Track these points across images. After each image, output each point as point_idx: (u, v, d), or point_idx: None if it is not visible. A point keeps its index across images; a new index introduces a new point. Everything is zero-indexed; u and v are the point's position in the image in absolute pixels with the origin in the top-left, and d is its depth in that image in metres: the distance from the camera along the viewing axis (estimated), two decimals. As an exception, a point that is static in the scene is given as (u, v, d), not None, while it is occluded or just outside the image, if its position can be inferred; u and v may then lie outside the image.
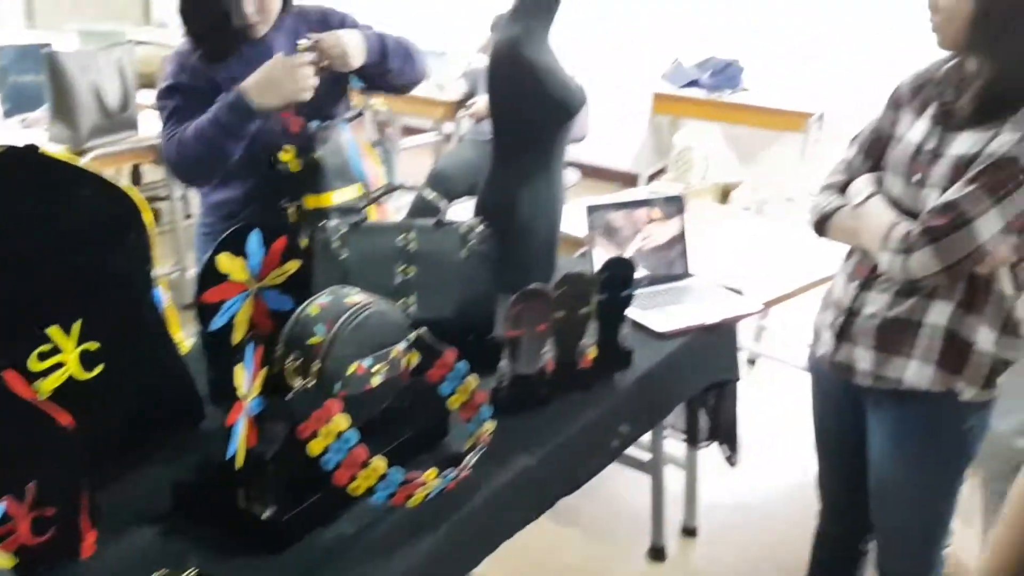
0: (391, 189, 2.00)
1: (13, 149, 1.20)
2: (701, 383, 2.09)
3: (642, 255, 2.12)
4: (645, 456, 2.52)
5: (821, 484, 1.98)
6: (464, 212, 2.11)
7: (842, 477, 1.90)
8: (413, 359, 1.39)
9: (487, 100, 2.07)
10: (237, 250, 1.48)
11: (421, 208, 3.96)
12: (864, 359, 1.66)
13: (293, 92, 1.86)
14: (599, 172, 5.89)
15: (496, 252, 1.74)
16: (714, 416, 2.38)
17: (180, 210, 4.11)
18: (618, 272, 1.71)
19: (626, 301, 1.73)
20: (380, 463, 1.20)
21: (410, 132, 5.72)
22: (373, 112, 2.12)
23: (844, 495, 1.91)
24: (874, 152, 1.70)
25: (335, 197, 1.94)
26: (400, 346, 1.34)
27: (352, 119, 2.05)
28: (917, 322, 1.60)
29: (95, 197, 1.28)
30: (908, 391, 1.62)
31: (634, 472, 2.54)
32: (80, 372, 1.26)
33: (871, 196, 1.63)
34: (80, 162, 1.29)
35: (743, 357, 3.44)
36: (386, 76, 2.05)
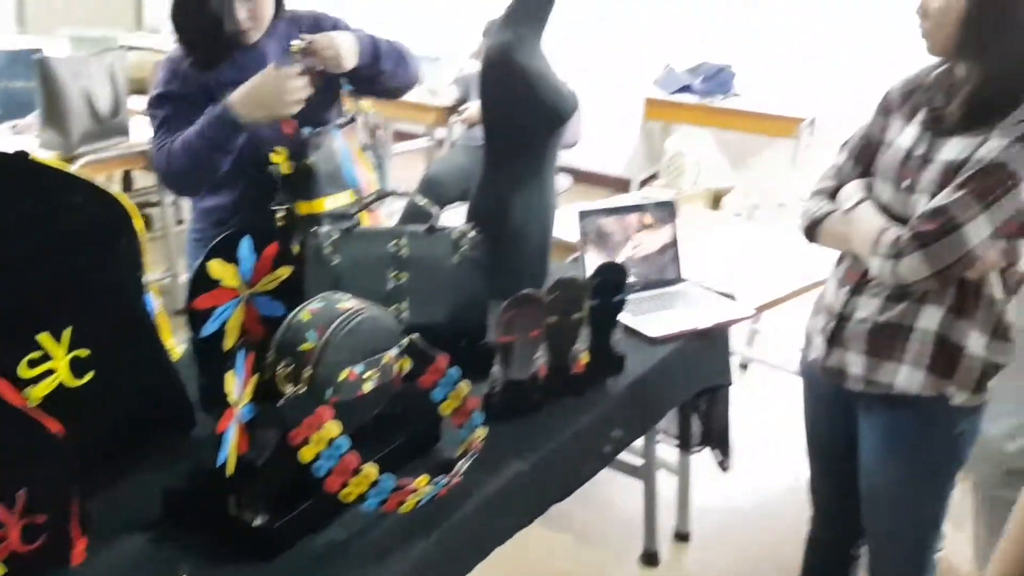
0: (383, 195, 1.99)
1: (3, 155, 1.19)
2: (693, 388, 2.09)
3: (634, 260, 2.12)
4: (638, 461, 2.52)
5: (813, 489, 1.98)
6: (456, 218, 2.11)
7: (834, 482, 1.90)
8: (405, 365, 1.38)
9: (479, 105, 2.07)
10: (228, 256, 1.48)
11: (413, 214, 3.95)
12: (855, 364, 1.67)
13: (281, 107, 1.85)
14: (591, 177, 5.90)
15: (488, 258, 1.74)
16: (706, 421, 2.38)
17: (171, 216, 4.10)
18: (610, 277, 1.71)
19: (618, 306, 1.73)
20: (372, 470, 1.20)
21: (402, 137, 5.73)
22: (364, 116, 2.12)
23: (836, 500, 1.91)
24: (864, 158, 1.71)
25: (327, 203, 1.93)
26: (392, 352, 1.34)
27: (344, 125, 2.05)
28: (908, 327, 1.60)
29: (86, 203, 1.27)
30: (899, 396, 1.63)
31: (626, 477, 2.54)
32: (70, 379, 1.25)
33: (861, 201, 1.64)
34: (71, 168, 1.29)
35: (735, 362, 3.45)
36: (379, 78, 2.04)
